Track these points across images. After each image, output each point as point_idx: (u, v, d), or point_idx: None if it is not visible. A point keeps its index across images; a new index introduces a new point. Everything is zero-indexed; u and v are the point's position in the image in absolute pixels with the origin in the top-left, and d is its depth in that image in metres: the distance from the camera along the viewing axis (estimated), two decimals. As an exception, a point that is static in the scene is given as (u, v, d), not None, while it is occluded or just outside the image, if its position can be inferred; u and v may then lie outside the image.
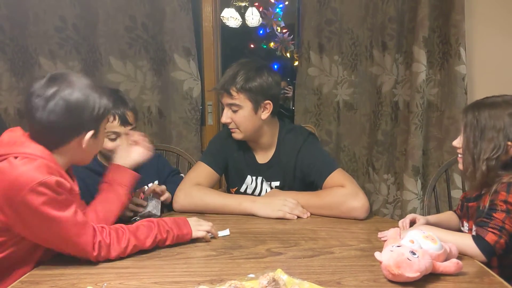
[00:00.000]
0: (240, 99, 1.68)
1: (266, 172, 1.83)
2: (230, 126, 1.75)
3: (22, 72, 2.37)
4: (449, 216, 1.57)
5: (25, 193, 1.11)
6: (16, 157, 1.16)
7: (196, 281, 1.13)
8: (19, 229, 1.18)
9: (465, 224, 1.46)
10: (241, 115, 1.70)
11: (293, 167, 1.78)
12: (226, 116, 1.72)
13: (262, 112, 1.73)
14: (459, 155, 1.45)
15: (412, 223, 1.48)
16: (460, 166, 1.44)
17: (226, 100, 1.70)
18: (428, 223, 1.46)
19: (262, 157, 1.84)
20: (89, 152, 1.32)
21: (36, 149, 1.19)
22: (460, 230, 1.49)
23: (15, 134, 1.23)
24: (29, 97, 1.19)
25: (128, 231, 1.28)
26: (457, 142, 1.45)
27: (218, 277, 1.14)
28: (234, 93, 1.68)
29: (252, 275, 1.09)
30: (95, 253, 1.21)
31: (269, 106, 1.72)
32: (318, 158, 1.76)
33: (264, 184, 1.84)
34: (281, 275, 1.04)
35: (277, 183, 1.82)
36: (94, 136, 1.27)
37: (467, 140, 1.39)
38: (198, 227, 1.40)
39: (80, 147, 1.25)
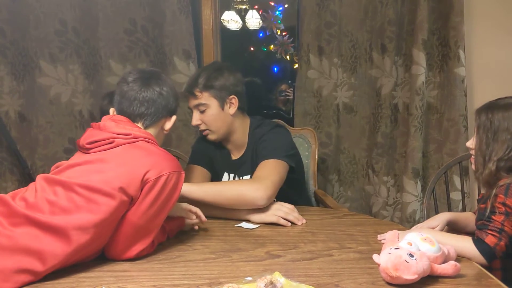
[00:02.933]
0: (204, 97, 1.75)
1: (239, 168, 1.86)
2: (201, 128, 1.80)
3: (23, 75, 2.37)
4: (469, 215, 1.58)
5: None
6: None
7: (195, 284, 1.14)
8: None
9: None
10: (209, 114, 1.76)
11: (256, 155, 1.80)
12: (196, 119, 1.78)
13: (229, 107, 1.79)
14: (472, 156, 1.45)
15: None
16: (473, 166, 1.45)
17: (192, 102, 1.77)
18: (448, 221, 1.49)
19: (236, 153, 1.89)
20: (162, 141, 1.49)
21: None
22: None
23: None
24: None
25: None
26: (471, 143, 1.45)
27: (217, 280, 1.14)
28: (198, 93, 1.75)
29: (249, 278, 1.09)
30: (129, 257, 1.28)
31: (234, 101, 1.79)
32: (270, 143, 1.78)
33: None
34: (279, 278, 1.04)
35: (248, 177, 1.83)
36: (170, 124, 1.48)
37: (480, 141, 1.40)
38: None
39: (162, 130, 1.47)
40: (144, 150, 1.31)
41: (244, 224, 1.59)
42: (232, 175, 1.89)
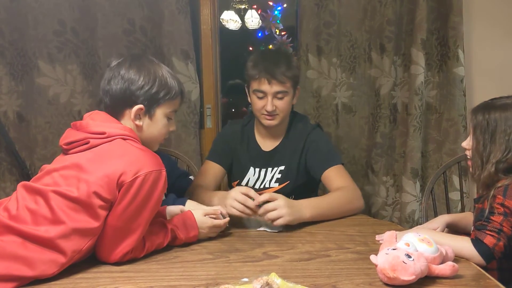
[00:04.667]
0: (287, 86, 1.77)
1: (272, 158, 1.88)
2: (272, 113, 1.78)
3: (21, 75, 2.37)
4: (468, 216, 1.57)
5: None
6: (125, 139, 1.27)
7: (191, 285, 1.13)
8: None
9: None
10: (286, 102, 1.80)
11: (300, 150, 1.85)
12: (272, 105, 1.76)
13: (294, 97, 1.85)
14: (468, 157, 1.43)
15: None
16: (469, 167, 1.43)
17: (275, 87, 1.76)
18: (448, 223, 1.49)
19: (269, 145, 1.91)
20: (148, 134, 1.36)
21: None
22: None
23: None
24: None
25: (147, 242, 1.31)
26: (466, 144, 1.43)
27: (214, 281, 1.14)
28: (285, 80, 1.76)
29: (246, 279, 1.09)
30: (115, 260, 1.25)
31: (298, 91, 1.87)
32: (325, 147, 1.84)
33: (268, 174, 1.88)
34: (275, 279, 1.04)
35: (282, 167, 1.87)
36: (147, 114, 1.33)
37: (476, 142, 1.38)
38: (207, 229, 1.43)
39: (134, 123, 1.33)
40: (119, 150, 1.24)
41: (268, 228, 1.56)
42: (258, 169, 1.90)
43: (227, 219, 1.49)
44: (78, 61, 2.38)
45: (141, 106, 1.31)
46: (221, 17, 4.23)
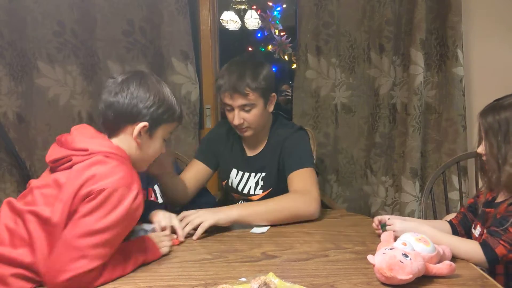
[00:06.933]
0: (254, 97, 1.69)
1: (254, 164, 1.86)
2: (241, 126, 1.73)
3: (21, 76, 2.37)
4: (440, 225, 1.50)
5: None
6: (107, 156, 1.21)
7: (190, 284, 1.14)
8: None
9: (478, 228, 1.41)
10: (255, 114, 1.72)
11: (278, 155, 1.80)
12: (239, 118, 1.70)
13: (269, 105, 1.78)
14: (484, 161, 1.39)
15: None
16: (488, 172, 1.39)
17: (239, 101, 1.68)
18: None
19: (253, 150, 1.88)
20: (144, 153, 1.35)
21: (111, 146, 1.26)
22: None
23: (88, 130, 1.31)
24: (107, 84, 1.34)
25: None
26: (481, 149, 1.38)
27: (212, 281, 1.14)
28: (249, 93, 1.67)
29: (243, 279, 1.09)
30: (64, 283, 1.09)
31: (273, 98, 1.78)
32: (298, 150, 1.78)
33: (251, 179, 1.86)
34: (273, 279, 1.04)
35: (263, 174, 1.85)
36: (149, 132, 1.32)
37: (490, 145, 1.34)
38: (161, 244, 1.35)
39: (133, 139, 1.31)
40: (96, 164, 1.18)
41: (255, 229, 1.56)
42: (241, 172, 1.88)
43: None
44: (77, 62, 2.38)
45: (145, 123, 1.30)
46: (220, 18, 4.24)
